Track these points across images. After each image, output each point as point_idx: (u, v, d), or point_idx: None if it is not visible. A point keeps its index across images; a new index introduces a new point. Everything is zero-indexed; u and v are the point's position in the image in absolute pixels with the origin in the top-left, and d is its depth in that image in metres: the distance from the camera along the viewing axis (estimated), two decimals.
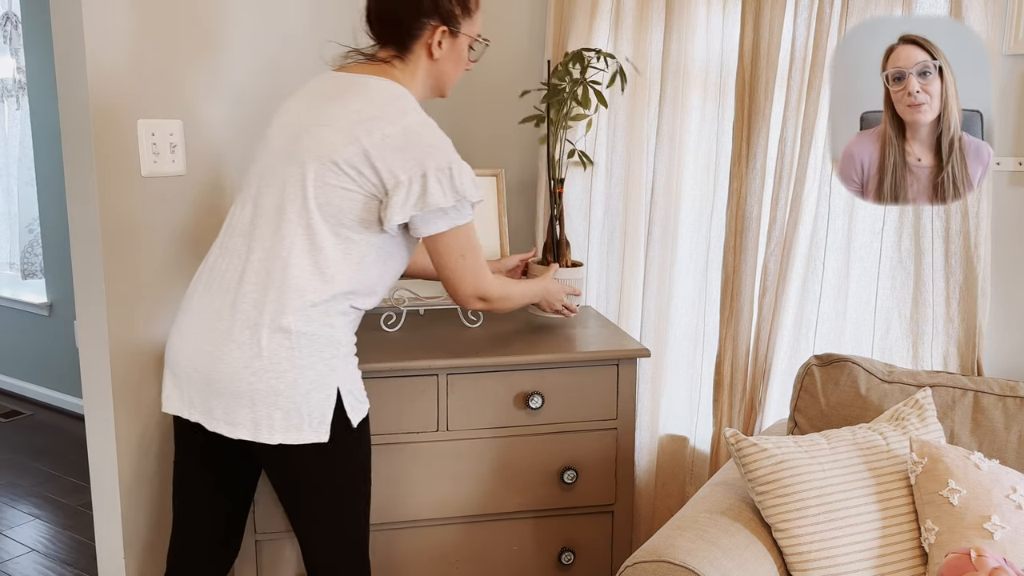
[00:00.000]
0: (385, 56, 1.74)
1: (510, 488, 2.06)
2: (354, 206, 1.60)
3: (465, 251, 1.70)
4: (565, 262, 2.22)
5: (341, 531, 1.70)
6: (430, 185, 1.59)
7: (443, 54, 1.74)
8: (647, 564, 1.50)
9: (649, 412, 2.40)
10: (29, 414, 4.27)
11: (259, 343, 1.56)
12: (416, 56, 1.73)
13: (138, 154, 1.95)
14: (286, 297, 1.58)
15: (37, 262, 4.40)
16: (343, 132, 1.60)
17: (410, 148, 1.59)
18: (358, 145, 1.58)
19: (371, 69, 1.71)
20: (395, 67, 1.73)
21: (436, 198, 1.60)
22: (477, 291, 1.74)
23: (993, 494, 1.57)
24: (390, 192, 1.59)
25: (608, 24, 2.36)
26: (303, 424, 1.59)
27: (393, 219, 1.60)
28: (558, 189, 2.20)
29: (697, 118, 2.30)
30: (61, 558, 2.91)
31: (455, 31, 1.73)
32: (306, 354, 1.58)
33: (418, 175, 1.59)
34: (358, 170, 1.59)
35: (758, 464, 1.63)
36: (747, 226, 2.18)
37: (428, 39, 1.71)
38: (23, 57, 4.19)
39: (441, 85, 1.80)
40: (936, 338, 2.03)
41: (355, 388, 1.67)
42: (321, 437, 1.60)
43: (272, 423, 1.58)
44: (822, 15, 2.02)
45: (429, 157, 1.60)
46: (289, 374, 1.57)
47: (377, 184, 1.60)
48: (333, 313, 1.61)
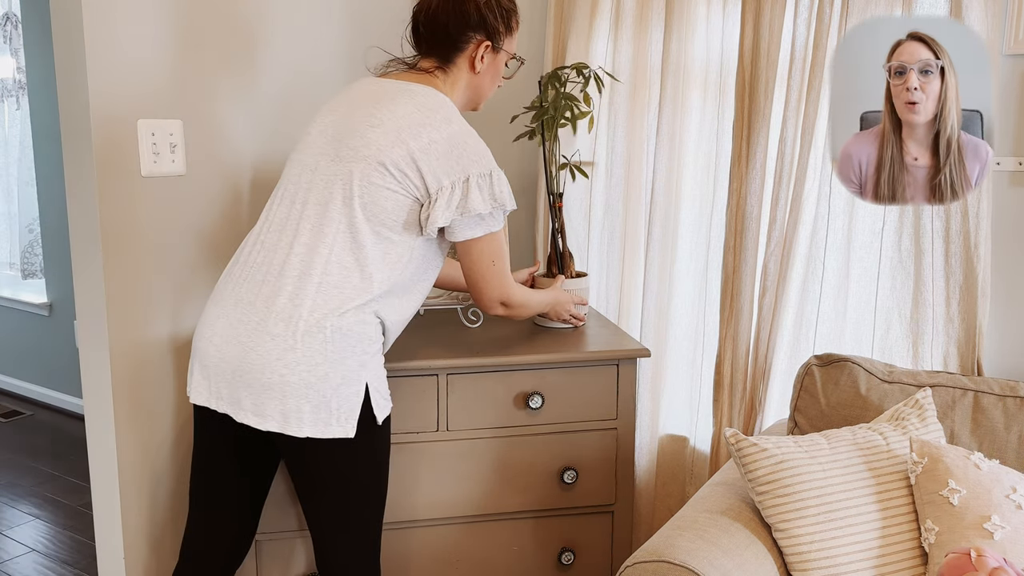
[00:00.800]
0: (428, 66, 1.80)
1: (510, 488, 2.06)
2: (397, 207, 1.65)
3: (496, 257, 1.76)
4: (569, 273, 2.23)
5: (357, 530, 1.71)
6: (471, 191, 1.66)
7: (484, 68, 1.81)
8: (647, 564, 1.50)
9: (649, 412, 2.40)
10: (29, 414, 4.27)
11: (294, 336, 1.59)
12: (458, 68, 1.80)
13: (138, 154, 1.96)
14: (324, 293, 1.61)
15: (37, 262, 4.40)
16: (391, 135, 1.65)
17: (454, 154, 1.66)
18: (405, 148, 1.64)
19: (415, 77, 1.77)
20: (437, 77, 1.79)
21: (476, 203, 1.67)
22: (502, 296, 1.81)
23: (993, 494, 1.57)
24: (433, 196, 1.65)
25: (608, 24, 2.36)
26: (331, 419, 1.61)
27: (436, 222, 1.65)
28: (557, 203, 2.22)
29: (697, 118, 2.30)
30: (61, 558, 2.91)
31: (497, 47, 1.81)
32: (339, 348, 1.61)
33: (461, 180, 1.66)
34: (404, 173, 1.64)
35: (758, 464, 1.63)
36: (747, 226, 2.18)
37: (472, 53, 1.79)
38: (23, 57, 4.19)
39: (477, 98, 1.87)
40: (936, 338, 2.03)
41: (382, 386, 1.70)
42: (348, 432, 1.63)
43: (301, 416, 1.60)
44: (822, 15, 2.02)
45: (472, 164, 1.67)
46: (321, 367, 1.59)
47: (421, 188, 1.65)
48: (368, 311, 1.65)
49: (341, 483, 1.67)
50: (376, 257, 1.65)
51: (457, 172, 1.66)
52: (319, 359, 1.59)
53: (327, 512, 1.69)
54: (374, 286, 1.65)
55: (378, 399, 1.68)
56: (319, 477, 1.67)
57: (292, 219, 1.68)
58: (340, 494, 1.68)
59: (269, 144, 2.24)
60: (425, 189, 1.66)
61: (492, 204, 1.70)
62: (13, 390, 4.54)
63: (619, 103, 2.36)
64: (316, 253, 1.63)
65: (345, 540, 1.71)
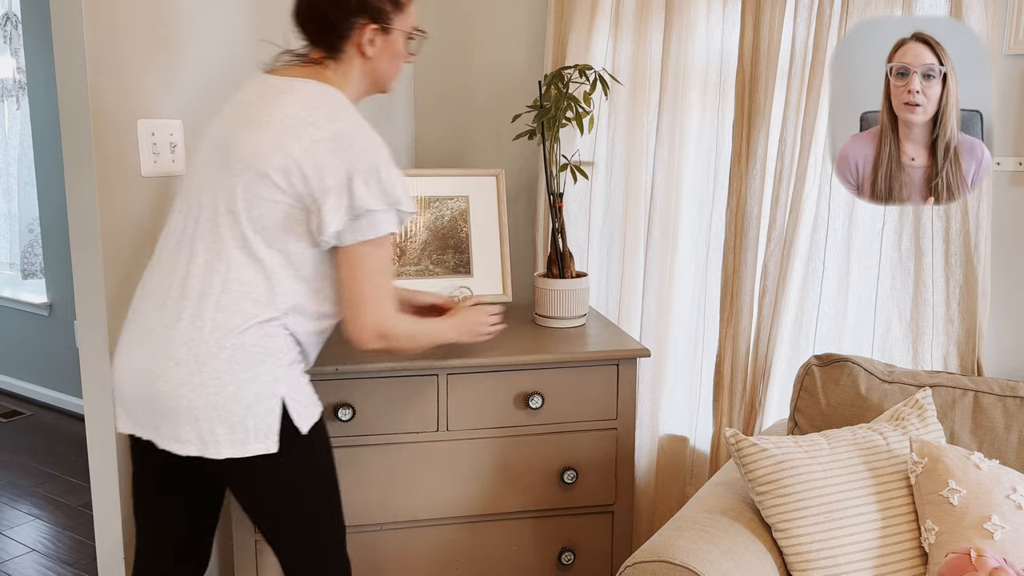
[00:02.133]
0: (317, 57, 1.67)
1: (510, 488, 2.06)
2: (288, 219, 1.55)
3: (379, 270, 1.59)
4: (569, 274, 2.23)
5: (309, 537, 1.66)
6: (356, 187, 1.53)
7: (377, 51, 1.67)
8: (647, 564, 1.50)
9: (649, 412, 2.40)
10: (29, 414, 4.27)
11: (197, 359, 1.52)
12: (348, 56, 1.67)
13: (138, 154, 1.95)
14: (225, 311, 1.53)
15: (37, 262, 4.40)
16: (272, 140, 1.54)
17: (339, 153, 1.54)
18: (287, 153, 1.53)
19: (302, 72, 1.65)
20: (327, 68, 1.66)
21: (364, 199, 1.53)
22: (380, 326, 1.60)
23: (993, 494, 1.57)
24: (319, 199, 1.53)
25: (608, 24, 2.36)
26: (248, 436, 1.54)
27: (327, 228, 1.53)
28: (558, 203, 2.22)
29: (697, 118, 2.30)
30: (61, 558, 2.91)
31: (387, 27, 1.67)
32: (246, 366, 1.53)
33: (345, 179, 1.53)
34: (289, 180, 1.53)
35: (758, 464, 1.63)
36: (747, 226, 2.18)
37: (359, 39, 1.65)
38: (23, 57, 4.19)
39: (380, 82, 1.73)
40: (936, 338, 2.03)
41: (301, 395, 1.61)
42: (269, 447, 1.56)
43: (217, 438, 1.54)
44: (822, 15, 2.02)
45: (357, 160, 1.54)
46: (230, 387, 1.53)
47: (307, 193, 1.54)
48: (275, 326, 1.57)
49: (278, 497, 1.61)
50: (275, 271, 1.56)
51: (341, 171, 1.53)
52: (226, 379, 1.52)
53: (273, 526, 1.64)
54: (277, 300, 1.56)
55: (298, 409, 1.59)
56: (254, 495, 1.62)
57: (187, 236, 1.59)
58: (280, 507, 1.62)
59: None
60: (311, 193, 1.53)
61: (384, 200, 1.55)
62: (13, 390, 4.53)
63: (619, 103, 2.36)
64: (214, 271, 1.54)
65: (299, 548, 1.65)
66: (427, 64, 2.62)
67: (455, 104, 2.62)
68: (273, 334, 1.57)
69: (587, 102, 2.18)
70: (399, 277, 2.24)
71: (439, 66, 2.61)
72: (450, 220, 2.28)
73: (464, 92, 2.60)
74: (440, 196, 2.27)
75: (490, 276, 2.28)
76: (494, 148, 2.59)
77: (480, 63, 2.58)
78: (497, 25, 2.53)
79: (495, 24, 2.54)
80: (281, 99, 1.58)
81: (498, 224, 2.31)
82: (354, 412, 1.96)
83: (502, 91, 2.55)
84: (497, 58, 2.55)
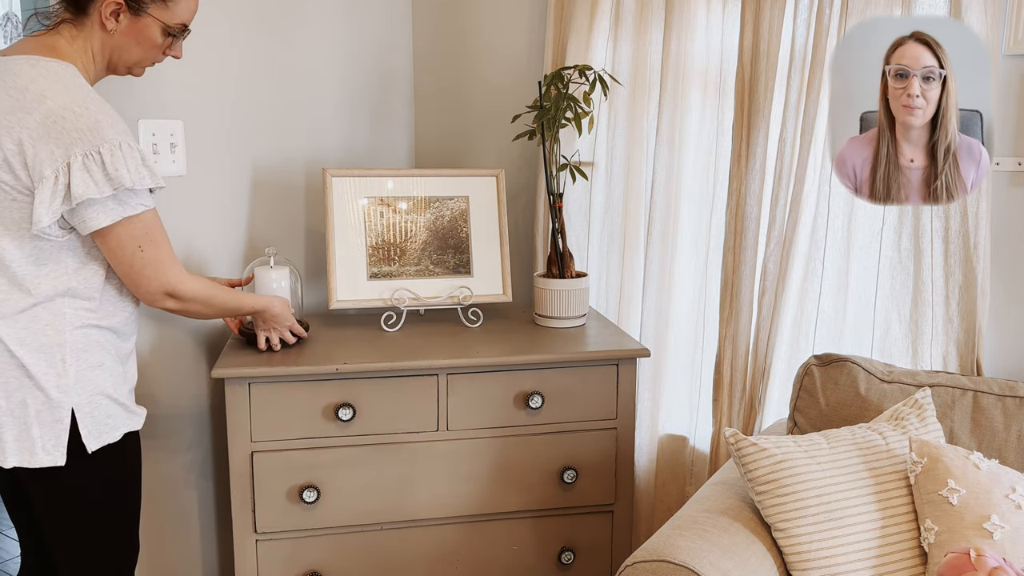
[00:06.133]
0: (64, 18, 1.54)
1: (510, 488, 2.06)
2: (23, 212, 1.45)
3: (143, 243, 1.51)
4: (569, 274, 2.23)
5: (94, 561, 1.60)
6: (74, 174, 1.41)
7: (119, 29, 1.54)
8: (647, 564, 1.50)
9: (649, 412, 2.40)
10: None
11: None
12: (92, 21, 1.53)
13: None
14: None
15: None
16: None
17: (53, 135, 1.41)
18: (5, 143, 1.43)
19: (27, 44, 1.51)
20: (61, 35, 1.53)
21: (84, 189, 1.42)
22: (165, 286, 1.56)
23: (993, 494, 1.57)
24: (35, 190, 1.43)
25: (608, 24, 2.36)
26: (35, 447, 1.49)
27: (41, 219, 1.42)
28: (557, 204, 2.22)
29: (697, 118, 2.30)
30: None
31: (136, 9, 1.54)
32: (29, 374, 1.48)
33: (63, 165, 1.41)
34: (13, 172, 1.44)
35: (758, 464, 1.63)
36: (747, 226, 2.18)
37: (101, 6, 1.52)
38: None
39: (118, 61, 1.59)
40: (936, 338, 2.03)
41: (97, 411, 1.55)
42: (56, 460, 1.50)
43: (4, 445, 1.49)
44: (822, 15, 2.02)
45: (75, 143, 1.42)
46: (18, 394, 1.48)
47: (28, 183, 1.44)
48: (47, 324, 1.49)
49: (63, 515, 1.55)
50: (27, 263, 1.47)
51: (58, 156, 1.41)
52: (15, 384, 1.48)
53: (57, 544, 1.57)
54: (41, 295, 1.48)
55: (89, 425, 1.52)
56: (45, 510, 1.56)
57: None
58: (63, 526, 1.56)
59: (269, 144, 2.25)
60: (30, 183, 1.43)
61: (109, 186, 1.43)
62: None
63: (619, 103, 2.36)
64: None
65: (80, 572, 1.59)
66: (427, 64, 2.62)
67: (455, 104, 2.62)
68: (47, 331, 1.51)
69: (587, 102, 2.18)
70: (399, 277, 2.24)
71: (439, 66, 2.61)
72: (450, 220, 2.28)
73: (464, 92, 2.60)
74: (440, 196, 2.28)
75: (490, 276, 2.28)
76: (494, 148, 2.59)
77: (480, 63, 2.58)
78: (497, 25, 2.53)
79: (495, 24, 2.54)
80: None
81: (498, 224, 2.31)
82: (354, 412, 1.96)
83: (502, 91, 2.55)
84: (497, 58, 2.55)
